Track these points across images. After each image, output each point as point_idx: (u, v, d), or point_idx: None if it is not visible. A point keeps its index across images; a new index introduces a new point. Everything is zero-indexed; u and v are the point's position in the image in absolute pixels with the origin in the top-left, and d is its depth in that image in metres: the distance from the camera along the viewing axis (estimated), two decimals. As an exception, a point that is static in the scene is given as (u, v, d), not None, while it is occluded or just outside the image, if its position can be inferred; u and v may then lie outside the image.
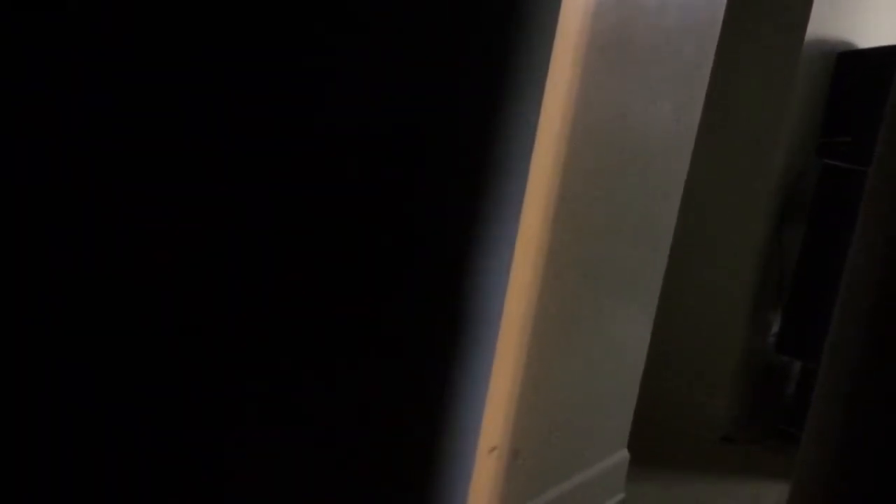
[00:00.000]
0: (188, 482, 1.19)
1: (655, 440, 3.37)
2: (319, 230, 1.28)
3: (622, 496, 2.86)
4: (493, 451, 2.18)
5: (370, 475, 1.55)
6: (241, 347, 1.20)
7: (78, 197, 1.03)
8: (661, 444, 3.46)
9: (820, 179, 3.72)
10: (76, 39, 0.98)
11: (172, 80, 1.07)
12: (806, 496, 1.70)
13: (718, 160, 3.60)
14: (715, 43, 2.71)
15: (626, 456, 2.87)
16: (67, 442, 1.09)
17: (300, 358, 1.33)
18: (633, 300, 2.74)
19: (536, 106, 1.74)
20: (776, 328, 3.88)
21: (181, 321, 1.14)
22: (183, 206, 1.11)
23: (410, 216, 1.47)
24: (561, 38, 1.94)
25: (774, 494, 3.26)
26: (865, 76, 3.64)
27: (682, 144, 2.71)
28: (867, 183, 1.67)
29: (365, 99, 1.30)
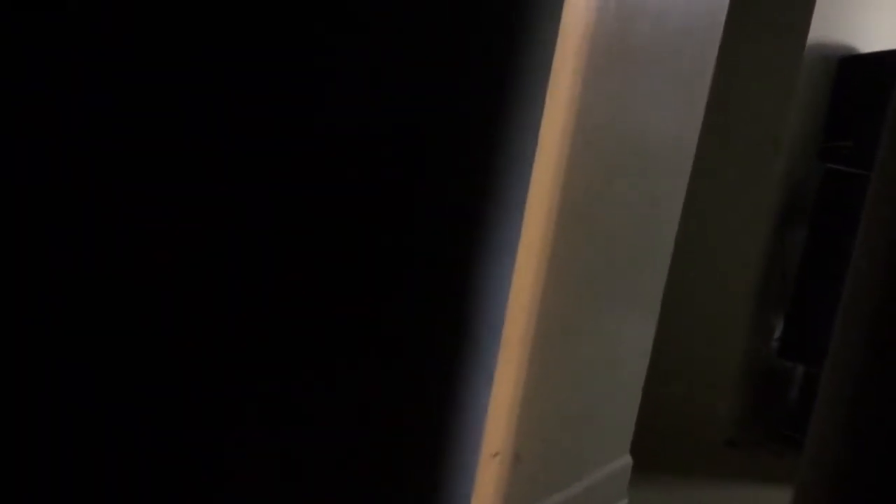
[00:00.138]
0: (188, 482, 1.19)
1: (658, 445, 3.36)
2: (320, 232, 1.28)
3: (625, 501, 2.86)
4: (495, 456, 2.18)
5: (374, 480, 1.55)
6: (241, 348, 1.20)
7: (78, 197, 1.03)
8: (663, 448, 3.45)
9: (822, 183, 3.72)
10: (76, 39, 0.98)
11: (172, 80, 1.07)
12: (809, 500, 1.69)
13: (720, 165, 3.60)
14: (716, 48, 2.71)
15: (628, 461, 2.86)
16: (67, 442, 1.08)
17: (301, 361, 1.32)
18: (635, 305, 2.73)
19: (538, 111, 1.74)
20: (779, 332, 3.87)
21: (181, 321, 1.14)
22: (183, 206, 1.11)
23: (413, 221, 1.47)
24: (563, 43, 1.94)
25: (778, 499, 3.25)
26: (867, 81, 3.64)
27: (683, 150, 2.71)
28: (869, 187, 1.67)
29: (367, 101, 1.30)
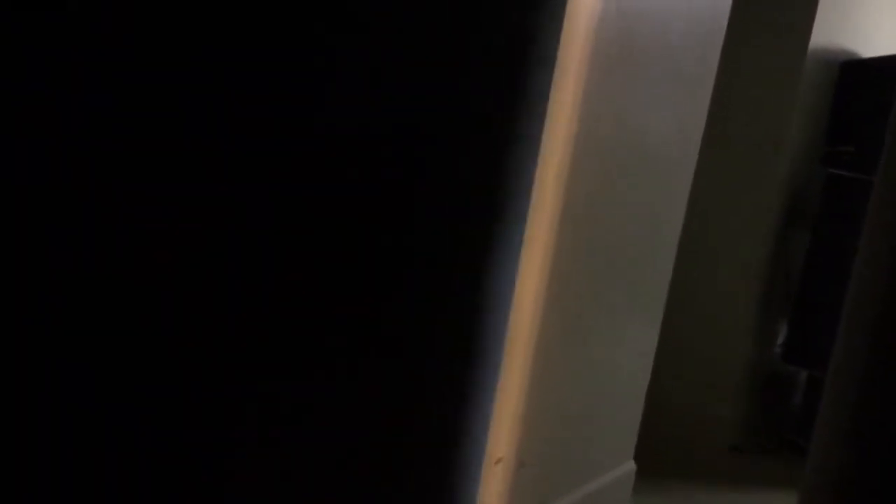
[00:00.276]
0: (189, 482, 1.18)
1: (662, 450, 3.35)
2: (321, 233, 1.28)
3: (629, 507, 2.85)
4: (498, 462, 2.17)
5: (376, 485, 1.54)
6: (242, 348, 1.20)
7: (78, 197, 1.03)
8: (667, 454, 3.44)
9: (824, 188, 3.72)
10: (76, 39, 0.98)
11: (172, 80, 1.07)
12: (814, 505, 1.69)
13: (723, 170, 3.61)
14: (718, 52, 2.71)
15: (632, 466, 2.86)
16: (67, 442, 1.08)
17: (302, 364, 1.32)
18: (639, 310, 2.73)
19: (541, 113, 1.74)
20: (783, 338, 3.87)
21: (181, 321, 1.14)
22: (183, 206, 1.11)
23: (415, 223, 1.46)
24: (565, 45, 1.94)
25: (782, 505, 3.24)
26: (869, 85, 3.64)
27: (686, 154, 2.71)
28: (872, 192, 1.66)
29: (368, 102, 1.30)
